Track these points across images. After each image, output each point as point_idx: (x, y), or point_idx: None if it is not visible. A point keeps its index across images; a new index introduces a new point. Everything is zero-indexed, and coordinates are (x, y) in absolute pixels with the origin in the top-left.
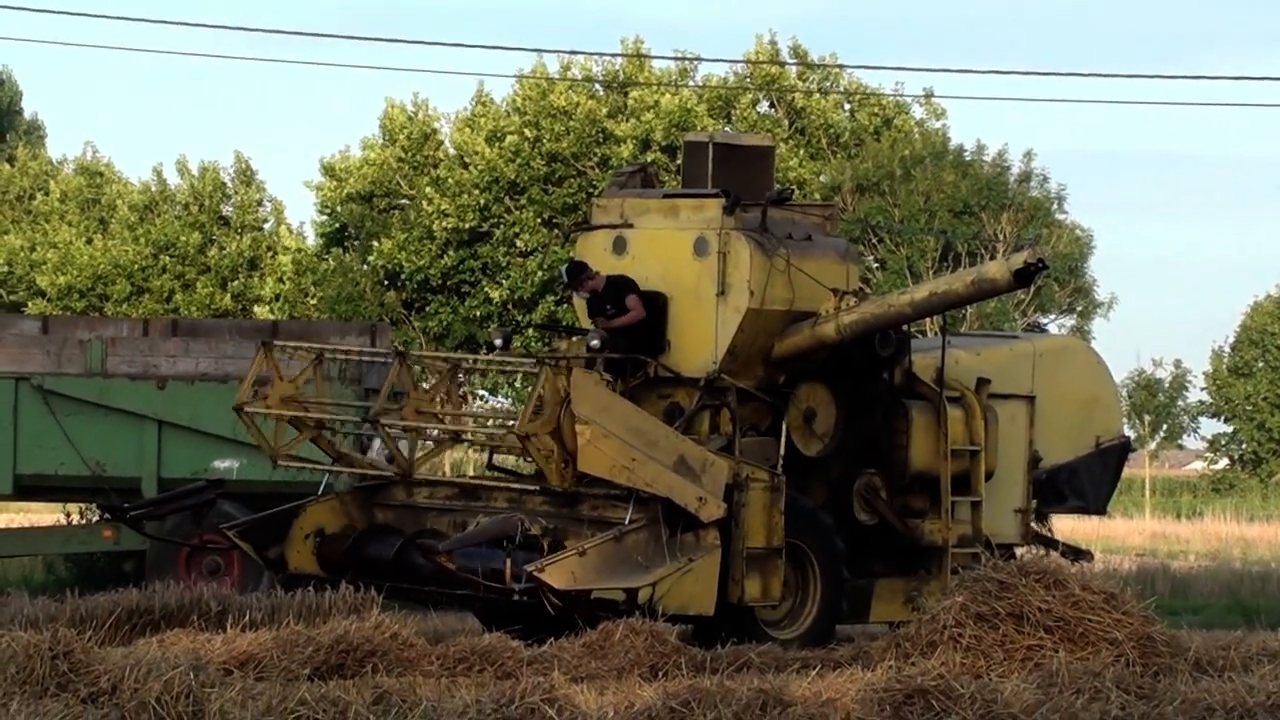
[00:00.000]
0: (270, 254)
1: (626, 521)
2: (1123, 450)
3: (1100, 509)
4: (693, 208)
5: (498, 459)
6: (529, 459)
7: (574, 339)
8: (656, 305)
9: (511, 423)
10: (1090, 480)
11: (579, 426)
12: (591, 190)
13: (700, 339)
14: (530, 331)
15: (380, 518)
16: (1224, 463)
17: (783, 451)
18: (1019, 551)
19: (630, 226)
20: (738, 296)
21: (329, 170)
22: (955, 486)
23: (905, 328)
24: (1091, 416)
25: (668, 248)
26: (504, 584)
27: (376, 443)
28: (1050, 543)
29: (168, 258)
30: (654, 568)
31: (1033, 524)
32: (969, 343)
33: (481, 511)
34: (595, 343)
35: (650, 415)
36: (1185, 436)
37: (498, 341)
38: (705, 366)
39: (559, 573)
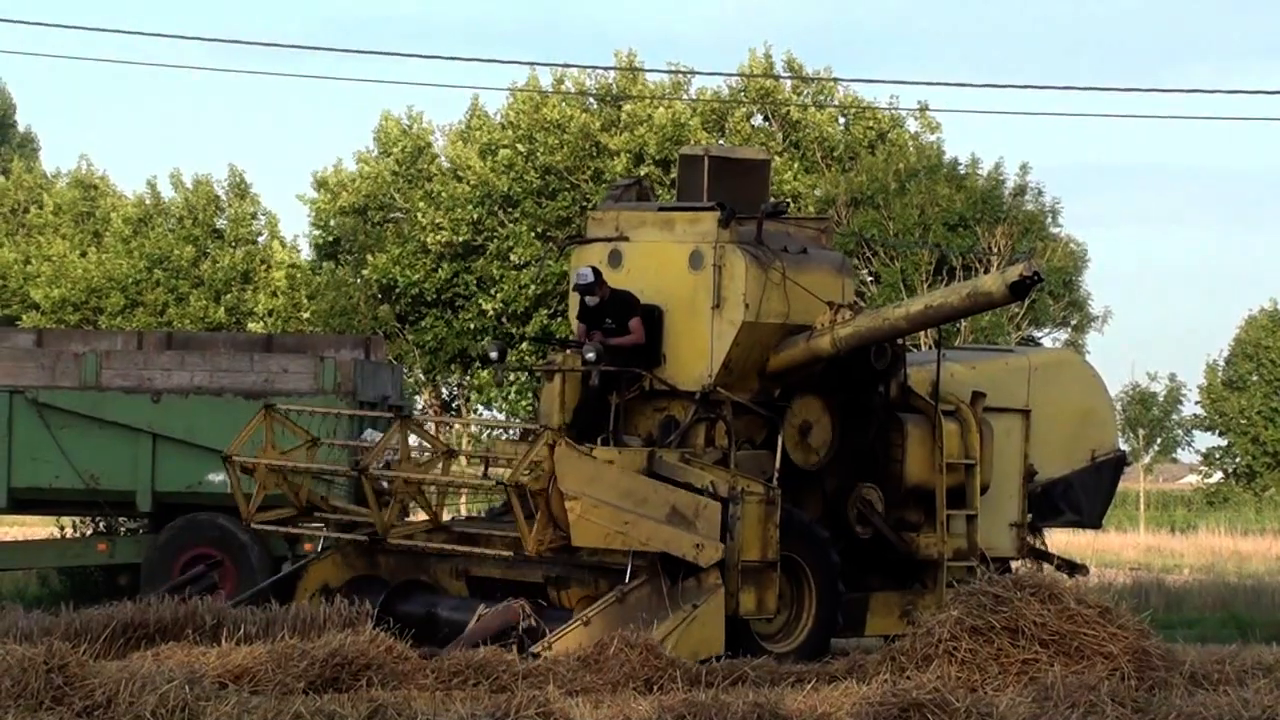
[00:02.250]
0: (264, 267)
1: (626, 579)
2: (1118, 464)
3: (1095, 523)
4: (688, 221)
5: (493, 472)
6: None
7: (569, 352)
8: (652, 318)
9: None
10: (1085, 494)
11: (569, 503)
12: (585, 203)
13: (696, 352)
14: (525, 345)
15: (383, 565)
16: (1218, 476)
17: (778, 464)
18: (1014, 565)
19: (625, 239)
20: (733, 309)
21: (321, 184)
22: (950, 500)
23: (900, 341)
24: (1086, 430)
25: (663, 261)
26: None
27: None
28: (1046, 556)
29: (161, 271)
30: (659, 623)
31: (1028, 538)
32: (964, 356)
33: (479, 557)
34: (591, 355)
35: (636, 474)
36: (1179, 450)
37: (493, 354)
38: (700, 379)
39: (567, 648)
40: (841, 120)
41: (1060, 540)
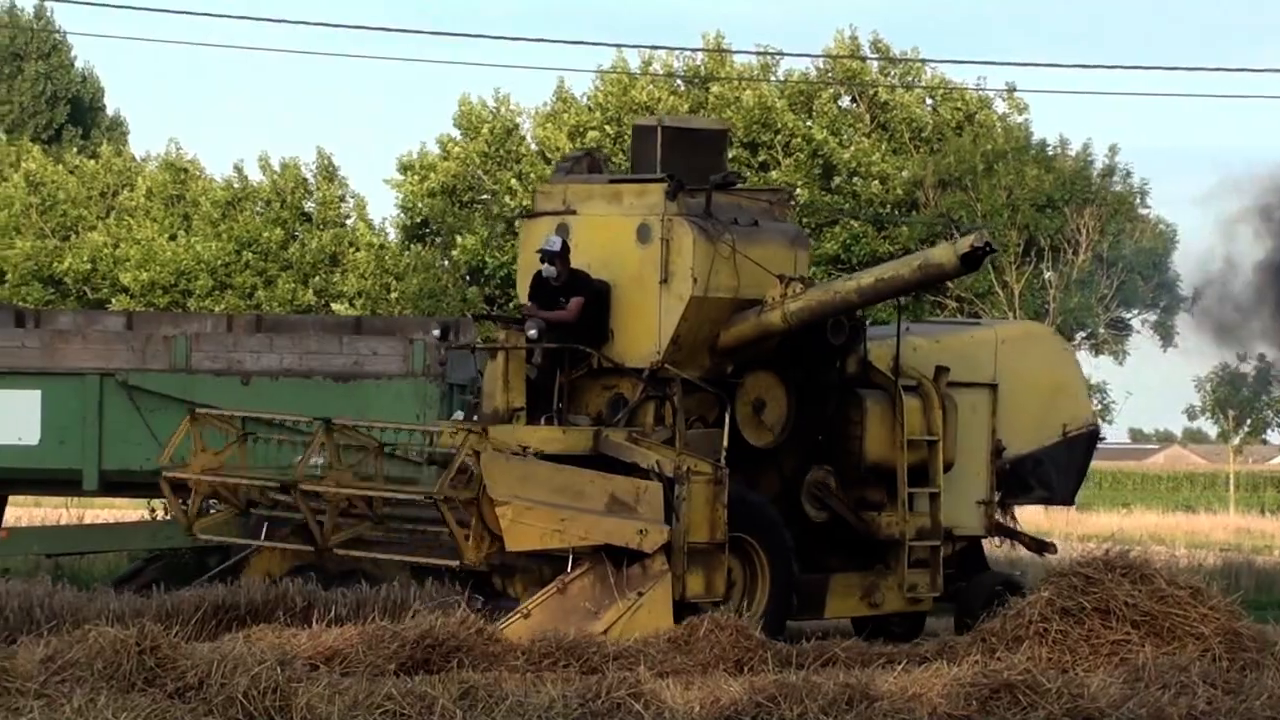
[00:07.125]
0: (353, 249)
1: (569, 570)
2: (1091, 439)
3: (1067, 500)
4: (636, 193)
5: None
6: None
7: (512, 329)
8: (601, 297)
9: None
10: (1056, 470)
11: (499, 509)
12: None
13: (644, 328)
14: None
15: (326, 553)
16: None
17: (726, 444)
18: (984, 543)
19: (573, 213)
20: (681, 284)
21: (406, 167)
22: (913, 478)
23: (860, 314)
24: (1057, 405)
25: (610, 234)
26: None
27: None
28: (1015, 535)
29: (250, 254)
30: (604, 612)
31: (997, 515)
32: (928, 330)
33: (427, 546)
34: (533, 332)
35: (570, 467)
36: (1269, 431)
37: (435, 332)
38: (649, 356)
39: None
40: (929, 101)
41: (1148, 523)
